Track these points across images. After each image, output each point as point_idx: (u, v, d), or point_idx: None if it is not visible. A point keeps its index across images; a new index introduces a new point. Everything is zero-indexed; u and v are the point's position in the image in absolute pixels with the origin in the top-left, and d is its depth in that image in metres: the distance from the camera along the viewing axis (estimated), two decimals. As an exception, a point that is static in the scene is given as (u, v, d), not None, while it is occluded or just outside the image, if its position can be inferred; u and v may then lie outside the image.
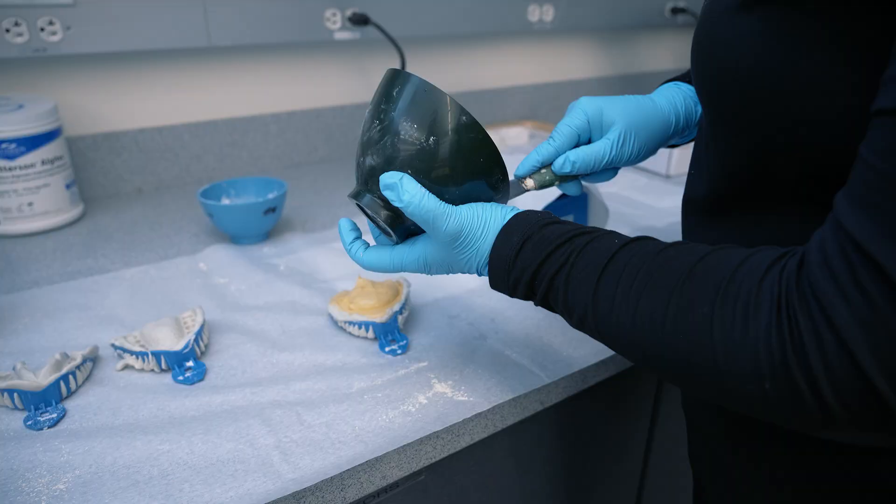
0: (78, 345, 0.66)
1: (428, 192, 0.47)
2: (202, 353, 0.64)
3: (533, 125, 1.49)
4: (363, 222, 0.90)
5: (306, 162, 1.27)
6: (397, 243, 0.52)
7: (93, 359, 0.62)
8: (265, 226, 0.89)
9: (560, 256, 0.44)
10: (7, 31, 0.89)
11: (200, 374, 0.61)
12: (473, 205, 0.49)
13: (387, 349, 0.66)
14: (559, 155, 0.56)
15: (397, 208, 0.48)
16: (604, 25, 1.59)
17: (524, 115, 1.58)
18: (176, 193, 1.10)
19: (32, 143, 0.88)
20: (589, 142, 0.57)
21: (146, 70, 1.07)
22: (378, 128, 0.48)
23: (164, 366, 0.61)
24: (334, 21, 1.15)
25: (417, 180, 0.47)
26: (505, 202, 0.53)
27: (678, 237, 0.93)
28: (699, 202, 0.51)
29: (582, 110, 0.56)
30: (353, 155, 1.32)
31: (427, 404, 0.58)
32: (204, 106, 1.14)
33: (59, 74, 1.00)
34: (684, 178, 1.21)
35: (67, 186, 0.94)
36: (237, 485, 0.48)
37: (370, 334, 0.67)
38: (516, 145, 1.40)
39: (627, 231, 0.97)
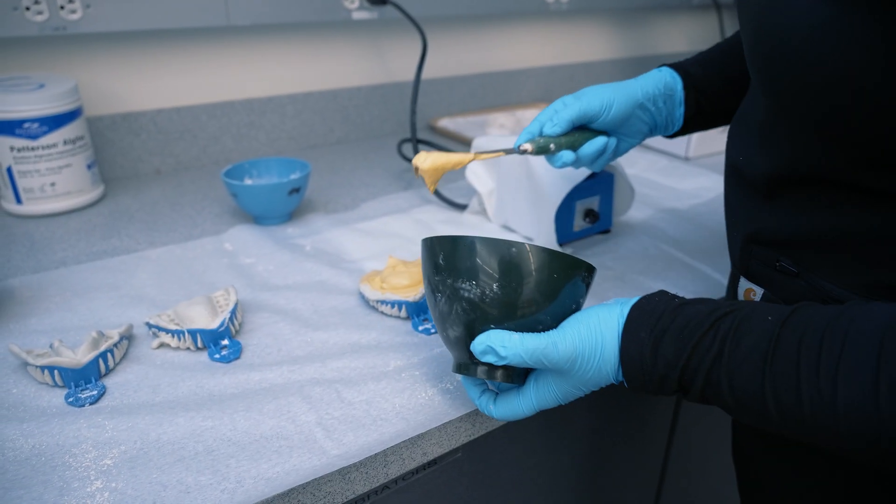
0: (111, 323, 0.66)
1: (522, 333, 0.45)
2: (236, 331, 0.64)
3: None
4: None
5: (323, 143, 1.27)
6: (522, 385, 0.50)
7: (128, 337, 0.62)
8: (289, 206, 0.89)
9: (710, 347, 0.41)
10: (27, 9, 0.88)
11: (236, 353, 0.61)
12: (576, 318, 0.46)
13: (420, 328, 0.66)
14: (542, 125, 0.61)
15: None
16: (619, 6, 1.58)
17: (539, 96, 1.57)
18: (194, 174, 1.09)
19: (55, 122, 0.87)
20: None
21: (164, 49, 1.06)
22: (442, 299, 0.48)
23: (199, 344, 0.61)
24: (353, 0, 1.14)
25: (505, 328, 0.46)
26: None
27: (701, 219, 0.94)
28: (752, 181, 0.51)
29: (561, 98, 0.63)
30: (371, 132, 1.32)
31: (465, 382, 0.58)
32: (221, 86, 1.13)
33: (77, 53, 0.99)
34: (703, 161, 1.21)
35: (89, 167, 0.94)
36: (283, 461, 0.49)
37: (403, 313, 0.67)
38: (532, 127, 1.39)
39: (651, 213, 0.97)
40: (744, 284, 0.55)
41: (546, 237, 0.81)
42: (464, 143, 1.25)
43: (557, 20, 1.54)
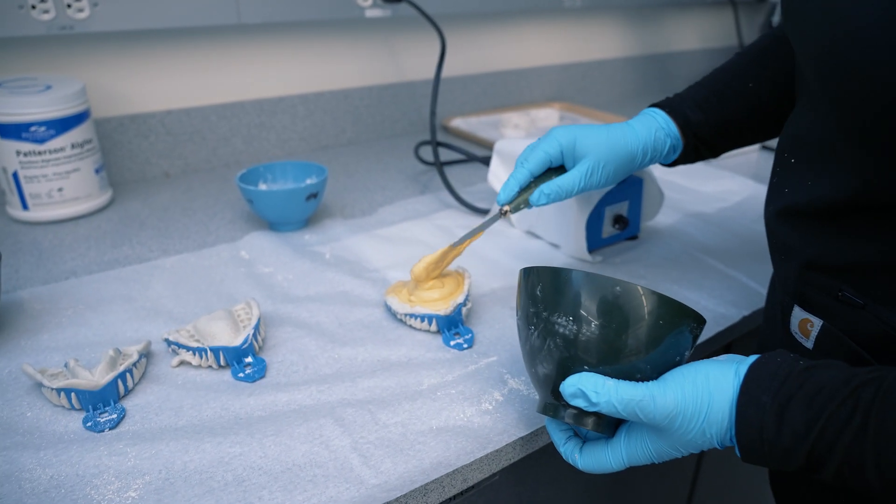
0: (127, 339, 0.63)
1: (618, 381, 0.41)
2: (260, 348, 0.61)
3: (561, 106, 1.46)
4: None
5: (334, 144, 1.23)
6: (611, 436, 0.46)
7: (146, 354, 0.59)
8: (306, 212, 0.85)
9: (849, 419, 0.36)
10: (33, 7, 0.85)
11: (261, 371, 0.58)
12: (681, 371, 0.42)
13: (452, 343, 0.63)
14: (533, 177, 0.60)
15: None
16: (632, 3, 1.55)
17: (551, 95, 1.54)
18: (204, 177, 1.06)
19: (62, 125, 0.84)
20: (561, 168, 0.61)
21: (173, 49, 1.03)
22: (535, 333, 0.45)
23: (222, 362, 0.58)
24: (366, -3, 1.11)
25: (599, 371, 0.42)
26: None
27: (730, 223, 0.91)
28: (806, 210, 0.48)
29: (556, 139, 0.59)
30: (383, 132, 1.29)
31: (504, 402, 0.55)
32: (231, 87, 1.10)
33: (84, 53, 0.96)
34: (725, 162, 1.18)
35: (97, 171, 0.90)
36: (318, 492, 0.46)
37: (433, 327, 0.64)
38: (546, 126, 1.36)
39: (678, 217, 0.94)
40: (798, 314, 0.51)
41: (575, 245, 0.78)
42: (478, 144, 1.22)
43: (570, 18, 1.51)
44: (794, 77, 0.53)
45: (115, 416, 0.52)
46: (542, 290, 0.44)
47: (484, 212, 0.92)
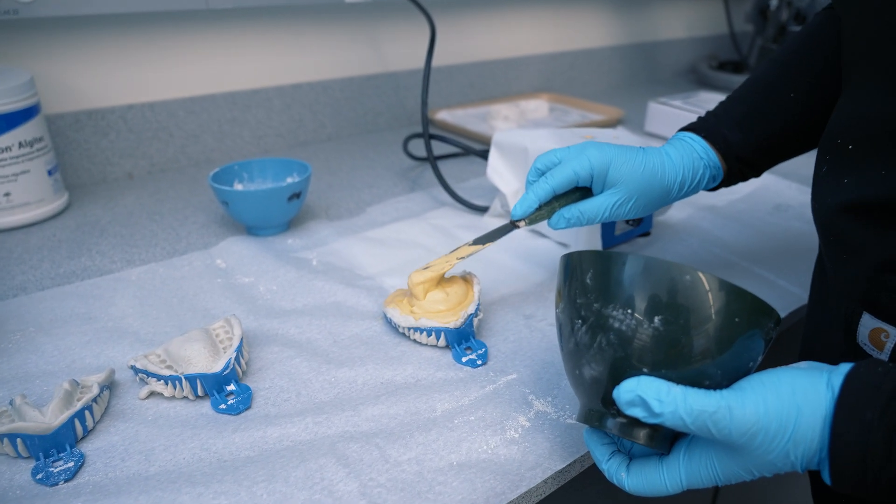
0: (86, 366, 0.54)
1: (685, 388, 0.35)
2: (243, 373, 0.53)
3: (550, 97, 1.39)
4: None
5: (313, 140, 1.15)
6: (666, 453, 0.39)
7: (109, 386, 0.50)
8: (288, 214, 0.77)
9: None
10: (-30, -13, 0.75)
11: (246, 401, 0.50)
12: (759, 380, 0.35)
13: (463, 359, 0.55)
14: (555, 194, 0.54)
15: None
16: (622, -11, 1.49)
17: (539, 85, 1.47)
18: (172, 178, 0.97)
19: (8, 122, 0.74)
20: (588, 189, 0.55)
21: (135, 37, 0.93)
22: (583, 328, 0.38)
23: (200, 392, 0.50)
24: (345, -20, 1.03)
25: (660, 376, 0.36)
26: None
27: (744, 216, 0.85)
28: (881, 204, 0.42)
29: (588, 160, 0.53)
30: (365, 126, 1.20)
31: (531, 428, 0.48)
32: (200, 78, 1.01)
33: (32, 41, 0.86)
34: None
35: (50, 173, 0.81)
36: (324, 551, 0.38)
37: (441, 342, 0.56)
38: (537, 119, 1.29)
39: (691, 211, 0.88)
40: (869, 322, 0.44)
41: (588, 244, 0.71)
42: (467, 137, 1.15)
43: (557, 5, 1.45)
44: (837, 77, 0.47)
45: (71, 464, 0.43)
46: (594, 278, 0.38)
47: (482, 209, 0.85)
